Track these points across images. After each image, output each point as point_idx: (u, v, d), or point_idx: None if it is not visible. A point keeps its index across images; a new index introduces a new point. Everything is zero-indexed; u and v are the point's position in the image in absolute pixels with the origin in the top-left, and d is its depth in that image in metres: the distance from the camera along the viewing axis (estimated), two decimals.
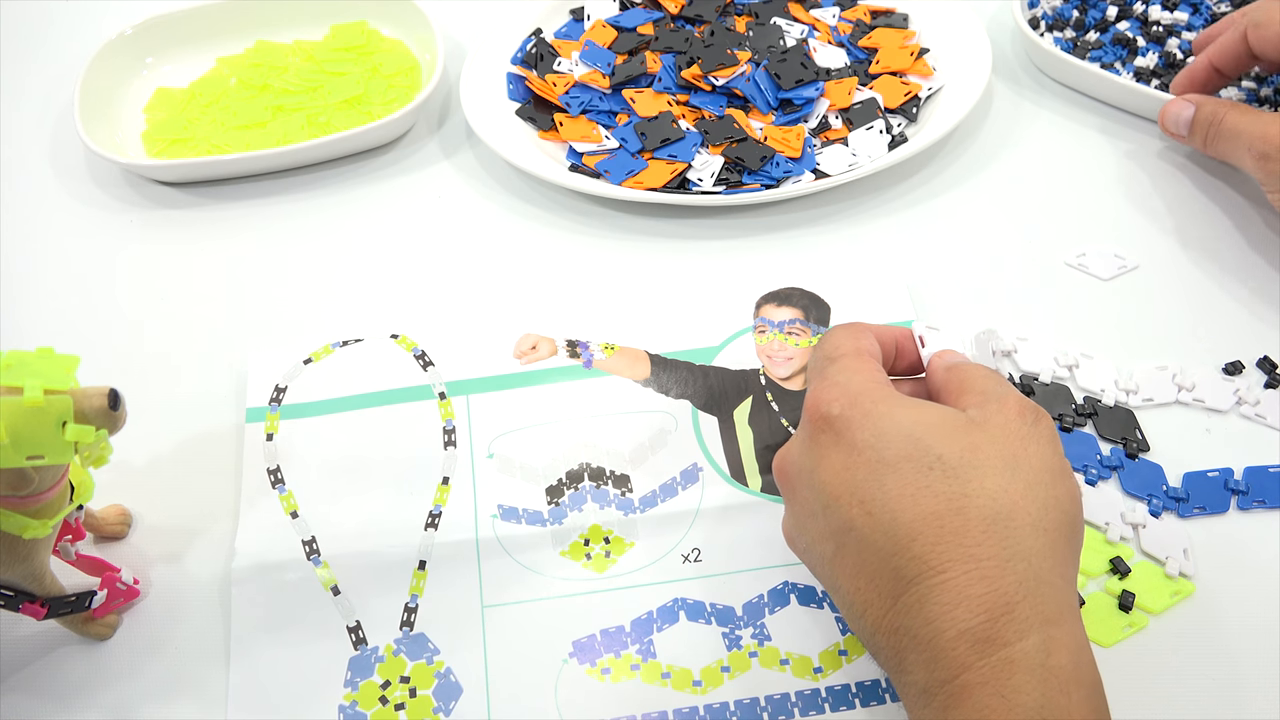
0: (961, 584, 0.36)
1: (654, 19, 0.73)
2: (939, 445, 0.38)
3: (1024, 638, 0.35)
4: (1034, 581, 0.36)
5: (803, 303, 0.59)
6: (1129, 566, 0.48)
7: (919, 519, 0.37)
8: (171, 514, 0.53)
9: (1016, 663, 0.35)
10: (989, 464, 0.38)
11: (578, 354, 0.57)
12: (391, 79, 0.73)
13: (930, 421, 0.39)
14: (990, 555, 0.36)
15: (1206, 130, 0.59)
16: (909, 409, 0.40)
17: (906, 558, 0.37)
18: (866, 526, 0.38)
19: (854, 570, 0.39)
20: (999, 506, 0.37)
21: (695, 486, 0.52)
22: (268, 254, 0.65)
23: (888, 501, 0.38)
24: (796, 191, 0.62)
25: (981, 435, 0.39)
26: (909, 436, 0.38)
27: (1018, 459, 0.38)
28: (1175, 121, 0.61)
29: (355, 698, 0.46)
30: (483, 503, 0.52)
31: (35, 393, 0.39)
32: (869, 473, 0.38)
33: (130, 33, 0.74)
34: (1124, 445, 0.52)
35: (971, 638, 0.35)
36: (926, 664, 0.36)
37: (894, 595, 0.37)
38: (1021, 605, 0.35)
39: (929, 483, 0.37)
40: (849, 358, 0.43)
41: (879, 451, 0.38)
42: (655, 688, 0.46)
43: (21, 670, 0.48)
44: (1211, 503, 0.50)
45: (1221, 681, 0.45)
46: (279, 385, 0.56)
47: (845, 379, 0.41)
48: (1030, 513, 0.37)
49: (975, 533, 0.36)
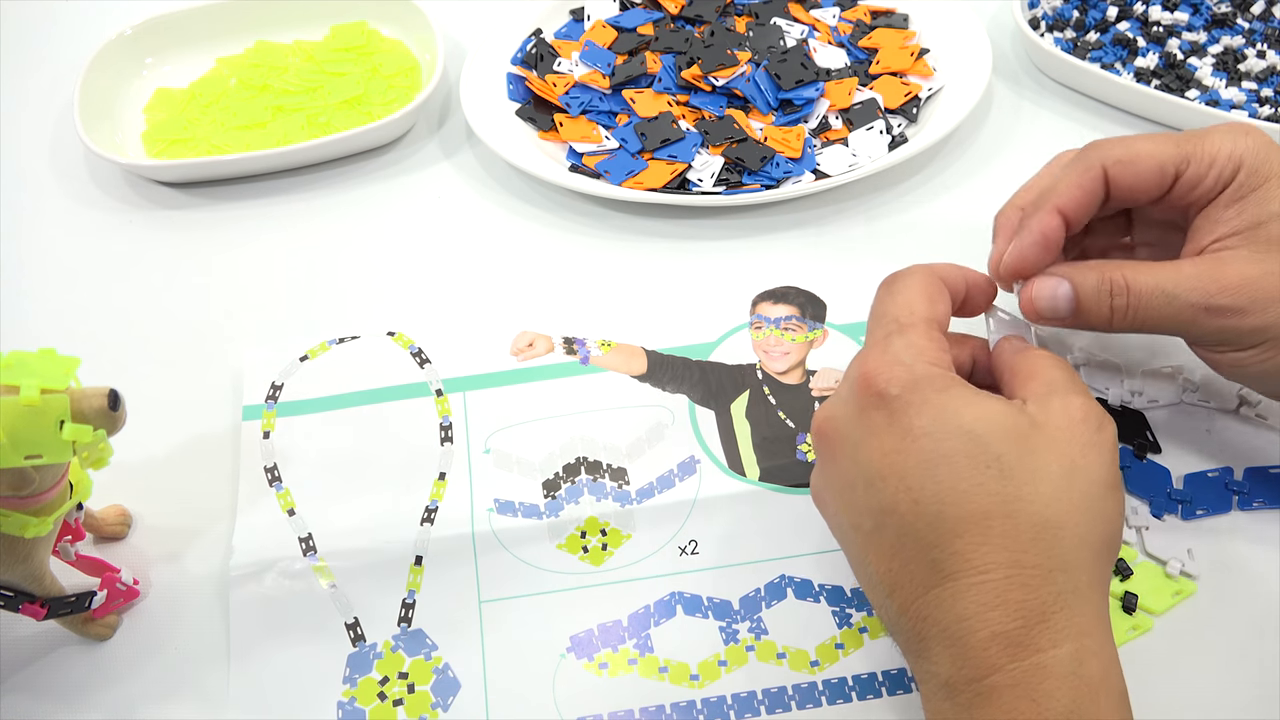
0: (1002, 587, 0.36)
1: (654, 19, 0.73)
2: (998, 444, 0.37)
3: (1058, 645, 0.35)
4: (1072, 594, 0.36)
5: (799, 300, 0.59)
6: (1131, 568, 0.48)
7: (967, 516, 0.36)
8: (171, 514, 0.53)
9: (1049, 669, 0.35)
10: (1045, 470, 0.37)
11: (575, 351, 0.57)
12: (391, 79, 0.73)
13: (992, 419, 0.38)
14: (1035, 563, 0.36)
15: (1110, 306, 0.44)
16: (971, 403, 0.38)
17: (948, 552, 0.36)
18: (911, 514, 0.37)
19: (889, 552, 0.38)
20: (1050, 515, 0.36)
21: (693, 478, 0.52)
22: (267, 254, 0.65)
23: (938, 493, 0.37)
24: (796, 192, 0.62)
25: (1042, 438, 0.38)
26: (969, 432, 0.37)
27: (1075, 468, 0.37)
28: (1051, 304, 0.44)
29: (354, 694, 0.46)
30: (479, 498, 0.52)
31: (31, 392, 0.39)
32: (921, 461, 0.38)
33: (130, 33, 0.74)
34: (1136, 449, 0.52)
35: (1005, 640, 0.35)
36: (954, 659, 0.36)
37: (927, 585, 0.37)
38: (1059, 615, 0.35)
39: (983, 481, 0.37)
40: (918, 332, 0.41)
41: (936, 442, 0.38)
42: (653, 682, 0.46)
43: (21, 670, 0.48)
44: (1214, 504, 0.50)
45: (1225, 681, 0.45)
46: (275, 383, 0.56)
47: (910, 359, 0.40)
48: (1079, 525, 0.37)
49: (1023, 538, 0.36)
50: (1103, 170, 0.45)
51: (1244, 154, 0.44)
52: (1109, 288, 0.44)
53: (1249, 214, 0.43)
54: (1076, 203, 0.45)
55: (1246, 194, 0.43)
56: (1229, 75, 0.67)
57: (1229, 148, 0.44)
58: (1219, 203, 0.44)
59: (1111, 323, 0.44)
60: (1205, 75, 0.67)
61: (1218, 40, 0.70)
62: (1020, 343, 0.44)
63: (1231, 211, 0.44)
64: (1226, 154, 0.44)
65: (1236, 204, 0.44)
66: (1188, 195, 0.45)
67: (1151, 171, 0.44)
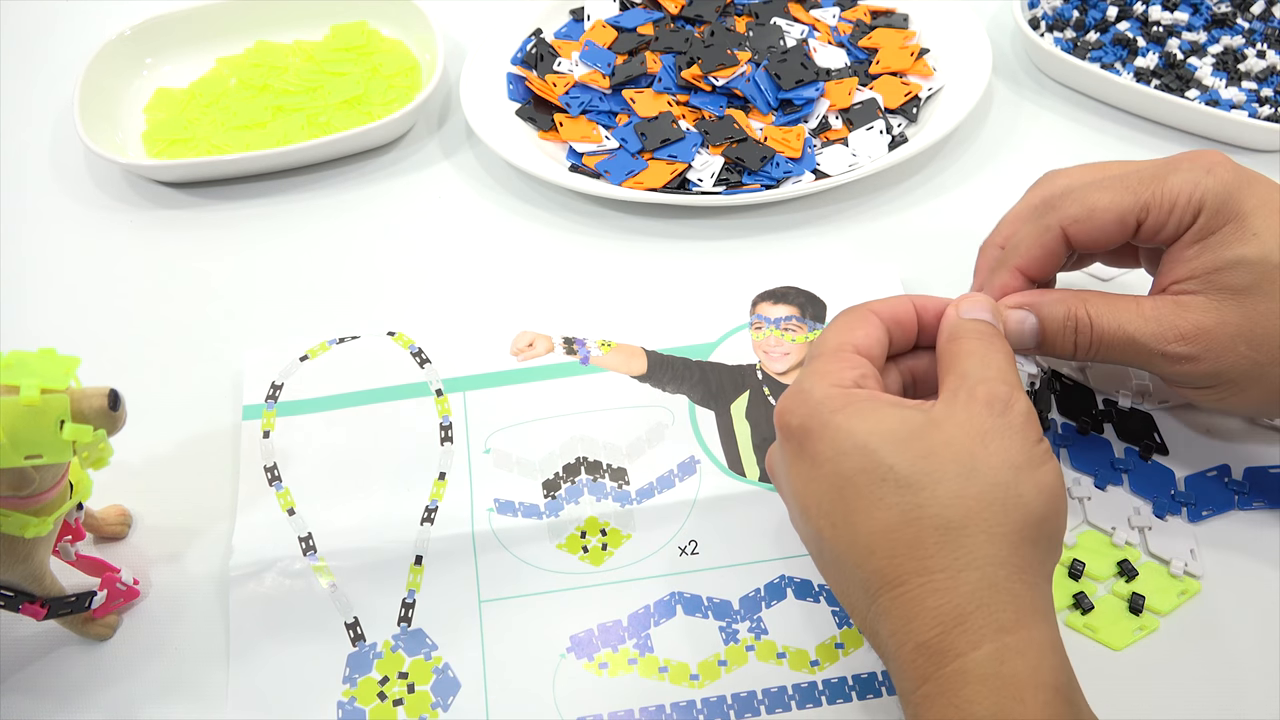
0: (917, 596, 0.36)
1: (654, 19, 0.73)
2: (891, 456, 0.37)
3: (977, 647, 0.35)
4: (988, 590, 0.36)
5: (799, 300, 0.59)
6: (1136, 569, 0.48)
7: (875, 533, 0.37)
8: (171, 514, 0.53)
9: (969, 673, 0.35)
10: (943, 470, 0.37)
11: (575, 351, 0.57)
12: (391, 79, 0.73)
13: (885, 430, 0.38)
14: (943, 567, 0.36)
15: (1074, 338, 0.45)
16: (865, 418, 0.39)
17: (868, 571, 0.37)
18: (833, 539, 0.38)
19: (832, 578, 0.40)
20: (951, 515, 0.36)
21: (692, 478, 0.52)
22: (267, 254, 0.65)
23: (847, 515, 0.38)
24: (796, 191, 0.62)
25: (938, 438, 0.38)
26: (863, 448, 0.38)
27: (976, 460, 0.37)
28: (1019, 335, 0.45)
29: (354, 694, 0.46)
30: (479, 497, 0.52)
31: (31, 392, 0.39)
32: (828, 486, 0.38)
33: (130, 33, 0.74)
34: (1142, 450, 0.52)
35: (928, 650, 0.36)
36: (895, 673, 0.37)
37: (864, 607, 0.38)
38: (974, 615, 0.35)
39: (882, 495, 0.37)
40: (823, 359, 0.42)
41: (836, 464, 0.38)
42: (653, 681, 0.46)
43: (21, 670, 0.48)
44: (1216, 503, 0.50)
45: (1232, 679, 0.45)
46: (275, 382, 0.56)
47: (810, 385, 0.40)
48: (985, 518, 0.36)
49: (929, 544, 0.36)
50: (1060, 230, 0.45)
51: (1205, 195, 0.43)
52: (1074, 324, 0.45)
53: (1208, 257, 0.43)
54: (1037, 262, 0.46)
55: (1206, 236, 0.44)
56: (1229, 75, 0.67)
57: (1189, 191, 0.44)
58: (1183, 241, 0.44)
59: (1075, 355, 0.45)
60: (1205, 75, 0.67)
61: (1218, 40, 0.70)
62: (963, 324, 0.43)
63: (1193, 252, 0.44)
64: (1186, 198, 0.44)
65: (1198, 245, 0.44)
66: (1152, 239, 0.45)
67: (1111, 224, 0.45)
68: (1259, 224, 0.43)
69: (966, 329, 0.42)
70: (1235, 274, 0.43)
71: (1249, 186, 0.44)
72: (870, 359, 0.42)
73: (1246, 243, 0.43)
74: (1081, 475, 0.51)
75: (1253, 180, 0.44)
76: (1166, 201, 0.44)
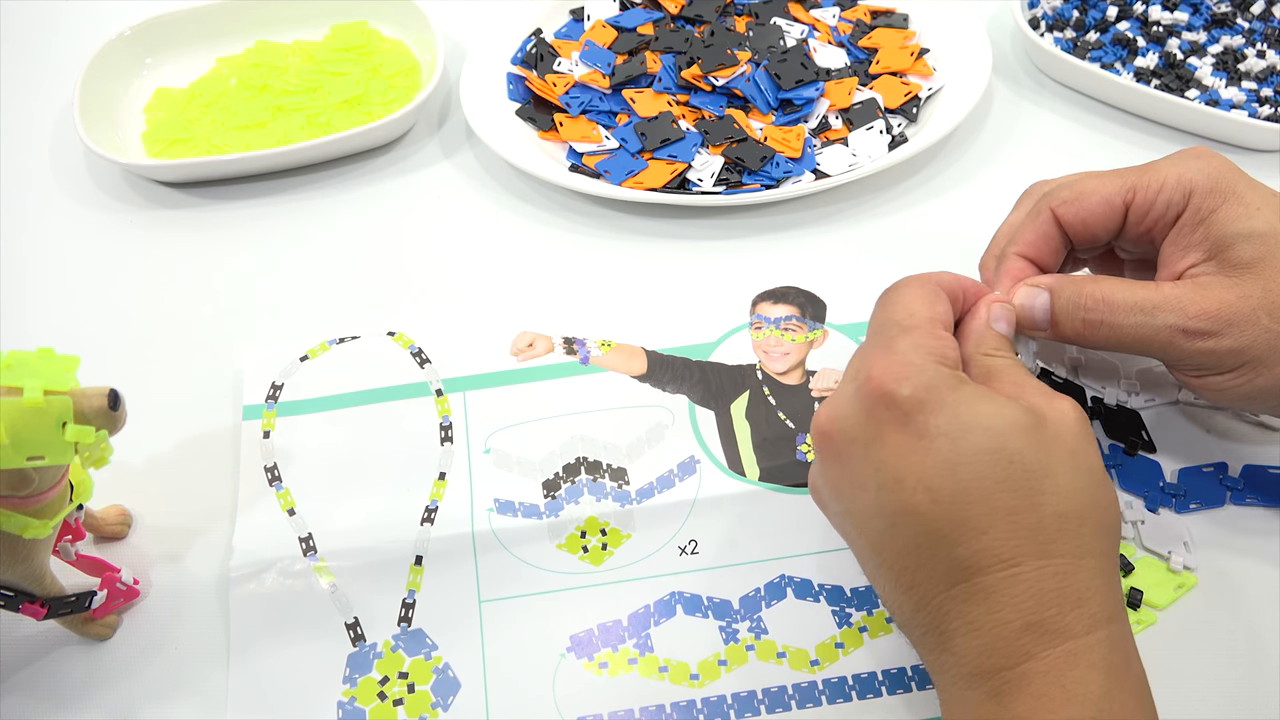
0: (1034, 579, 0.36)
1: (654, 19, 0.73)
2: (1017, 442, 0.37)
3: (1091, 632, 0.36)
4: (1101, 580, 0.37)
5: (799, 300, 0.59)
6: (1132, 564, 0.48)
7: (993, 513, 0.37)
8: (171, 514, 0.53)
9: (1080, 655, 0.36)
10: (1060, 464, 0.38)
11: (575, 351, 0.57)
12: (391, 79, 0.73)
13: (1009, 418, 0.38)
14: (1064, 552, 0.37)
15: (1083, 317, 0.44)
16: (986, 401, 0.39)
17: (974, 549, 0.37)
18: (931, 514, 0.37)
19: (906, 550, 0.38)
20: (1069, 507, 0.37)
21: (692, 478, 0.52)
22: (267, 254, 0.65)
23: (959, 493, 0.37)
24: (796, 191, 0.62)
25: (1050, 434, 0.38)
26: (988, 431, 0.38)
27: (1080, 461, 0.38)
28: (1029, 314, 0.45)
29: (354, 694, 0.46)
30: (479, 498, 0.52)
31: (35, 393, 0.39)
32: (940, 461, 0.38)
33: (130, 33, 0.74)
34: (1128, 446, 0.52)
35: (1040, 629, 0.36)
36: (982, 649, 0.37)
37: (951, 581, 0.37)
38: (1090, 601, 0.36)
39: (1006, 477, 0.37)
40: (923, 332, 0.41)
41: (954, 442, 0.38)
42: (653, 681, 0.46)
43: (21, 670, 0.48)
44: (1207, 497, 0.50)
45: (1231, 672, 0.45)
46: (276, 383, 0.56)
47: (920, 360, 0.40)
48: (1094, 513, 0.38)
49: (1050, 530, 0.37)
50: (1050, 212, 0.46)
51: (1194, 178, 0.44)
52: (1084, 302, 0.44)
53: (1214, 236, 0.44)
54: (1035, 247, 0.47)
55: (1206, 216, 0.44)
56: (1229, 75, 0.67)
57: (1176, 173, 0.44)
58: (1181, 228, 0.44)
59: (1085, 339, 0.45)
60: (1205, 75, 0.67)
61: (1217, 40, 0.70)
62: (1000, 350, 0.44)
63: (1196, 236, 0.44)
64: (1174, 179, 0.44)
65: (1199, 228, 0.44)
66: (1141, 223, 0.45)
67: (1099, 205, 0.45)
68: (1256, 199, 0.43)
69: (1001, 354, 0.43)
70: (1245, 248, 0.43)
71: (1236, 171, 0.45)
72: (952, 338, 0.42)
73: (1251, 217, 0.43)
74: None
75: (1237, 168, 0.45)
76: (1154, 183, 0.44)
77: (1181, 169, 0.44)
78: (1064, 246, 0.47)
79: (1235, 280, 0.43)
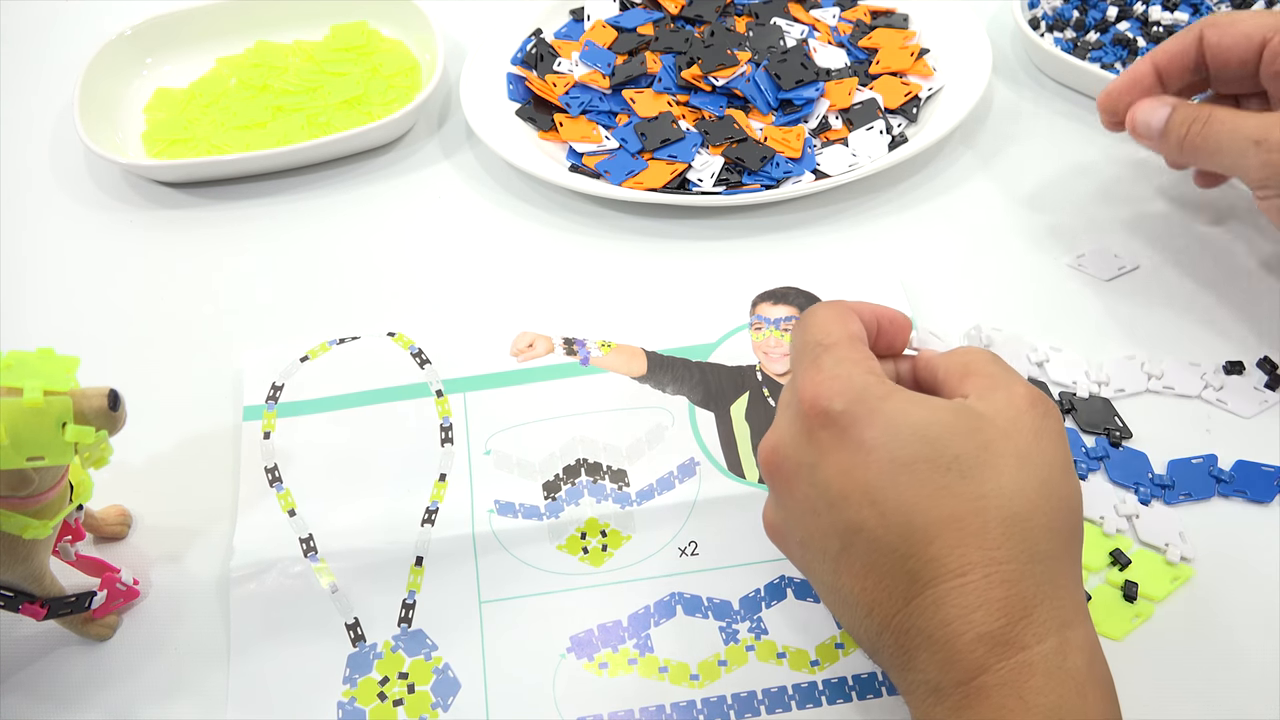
0: (982, 587, 0.35)
1: (654, 19, 0.73)
2: (955, 444, 0.37)
3: (1042, 640, 0.35)
4: (1051, 584, 0.36)
5: (799, 301, 0.59)
6: (1129, 558, 0.48)
7: (937, 521, 0.36)
8: (171, 514, 0.53)
9: (1035, 665, 0.35)
10: (1004, 462, 0.37)
11: (575, 351, 0.57)
12: (391, 79, 0.73)
13: (944, 419, 0.38)
14: (1010, 558, 0.36)
15: (1188, 129, 0.52)
16: (919, 405, 0.38)
17: (923, 560, 0.36)
18: (879, 527, 0.37)
19: (862, 570, 0.38)
20: (1016, 507, 0.36)
21: (692, 480, 0.52)
22: (267, 254, 0.65)
23: (903, 502, 0.36)
24: (796, 192, 0.62)
25: (994, 431, 0.37)
26: (923, 435, 0.37)
27: (1030, 456, 0.37)
28: (1146, 123, 0.54)
29: (354, 694, 0.46)
30: (479, 499, 0.52)
31: (35, 394, 0.39)
32: (880, 472, 0.37)
33: (130, 33, 0.74)
34: (1107, 435, 0.52)
35: (991, 640, 0.35)
36: (941, 664, 0.36)
37: (907, 597, 0.37)
38: (1040, 608, 0.35)
39: (946, 483, 0.36)
40: (843, 346, 0.40)
41: (891, 451, 0.37)
42: (653, 682, 0.46)
43: (21, 670, 0.48)
44: (1197, 489, 0.50)
45: (1229, 663, 0.45)
46: (276, 383, 0.56)
47: (846, 371, 0.39)
48: (1045, 513, 0.37)
49: (995, 535, 0.36)
50: (1199, 32, 0.53)
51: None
52: (1194, 115, 0.52)
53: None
54: (1169, 55, 0.54)
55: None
56: None
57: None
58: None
59: (1183, 144, 0.52)
60: None
61: None
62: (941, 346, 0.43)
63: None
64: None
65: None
66: (1275, 62, 0.51)
67: (1240, 36, 0.52)
68: None
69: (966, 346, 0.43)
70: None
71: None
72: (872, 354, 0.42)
73: None
74: None
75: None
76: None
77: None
78: (1194, 67, 0.54)
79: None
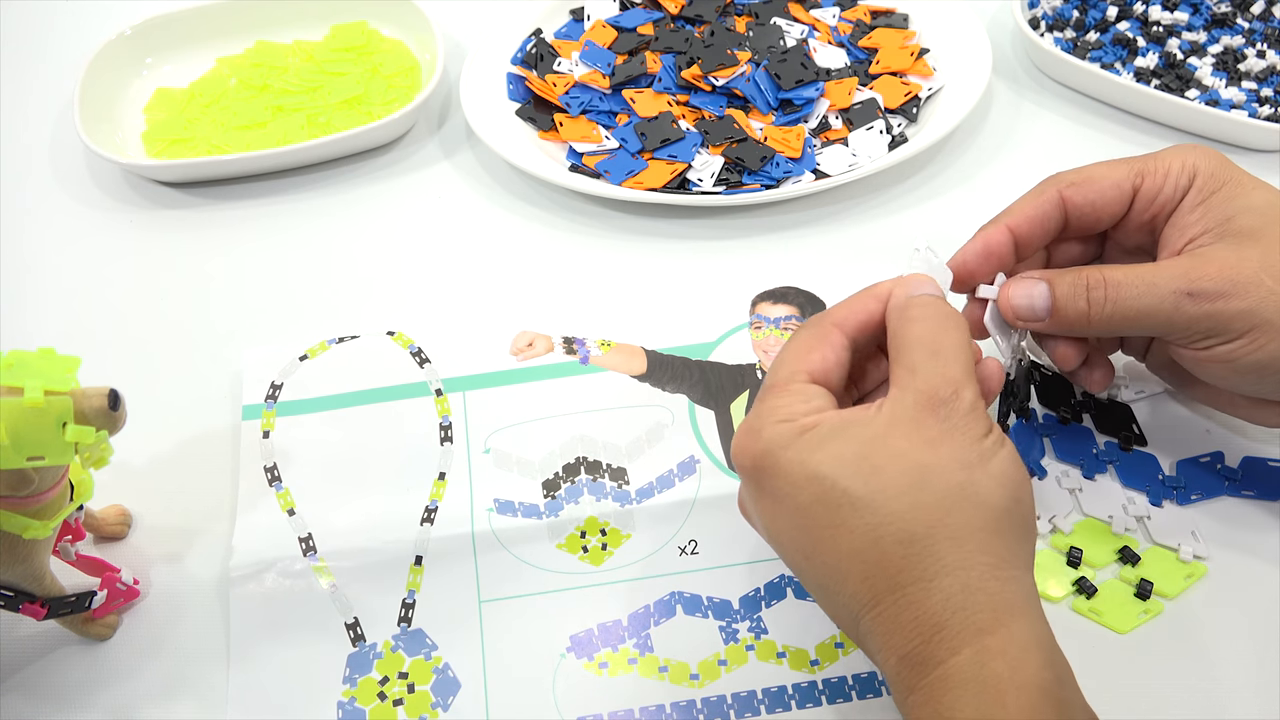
0: (892, 614, 0.36)
1: (654, 19, 0.73)
2: (844, 480, 0.37)
3: (956, 653, 0.35)
4: (961, 594, 0.36)
5: (798, 300, 0.59)
6: (1138, 554, 0.48)
7: (844, 557, 0.37)
8: (171, 514, 0.53)
9: (950, 679, 0.35)
10: (895, 485, 0.37)
11: (574, 350, 0.57)
12: (391, 79, 0.73)
13: (834, 455, 0.38)
14: (914, 580, 0.36)
15: (1088, 300, 0.44)
16: (815, 448, 0.38)
17: (847, 595, 0.38)
18: (809, 570, 0.39)
19: (820, 601, 0.40)
20: (912, 528, 0.36)
21: (692, 478, 0.52)
22: (267, 254, 0.65)
23: (815, 546, 0.38)
24: (796, 191, 0.62)
25: (885, 453, 0.37)
26: (815, 478, 0.38)
27: (926, 468, 0.37)
28: (1028, 307, 0.45)
29: (354, 694, 0.46)
30: (479, 498, 0.52)
31: (36, 393, 0.39)
32: (791, 521, 0.39)
33: (130, 33, 0.74)
34: (1122, 441, 0.52)
35: (910, 661, 0.36)
36: (889, 682, 0.38)
37: (852, 625, 0.39)
38: (950, 622, 0.36)
39: (842, 520, 0.37)
40: (773, 392, 0.41)
41: (794, 499, 0.38)
42: (653, 681, 0.46)
43: (21, 670, 0.48)
44: (1207, 488, 0.50)
45: (1239, 661, 0.45)
46: (275, 382, 0.56)
47: (760, 424, 0.40)
48: (947, 524, 0.36)
49: (895, 560, 0.36)
50: (1057, 193, 0.47)
51: (1197, 163, 0.45)
52: (1085, 282, 0.44)
53: (1215, 212, 0.44)
54: (1027, 220, 0.47)
55: (1208, 196, 0.45)
56: (1229, 75, 0.67)
57: (1180, 159, 0.46)
58: (1183, 209, 0.45)
59: (1090, 318, 0.44)
60: (1205, 75, 0.67)
61: (1218, 40, 0.70)
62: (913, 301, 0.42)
63: (1197, 214, 0.45)
64: (1179, 164, 0.45)
65: (1200, 206, 0.45)
66: (1149, 208, 0.46)
67: (1108, 189, 0.46)
68: (1254, 182, 0.45)
69: (913, 310, 0.41)
70: (1245, 218, 0.43)
71: (1233, 165, 0.46)
72: (826, 384, 0.41)
73: (1249, 194, 0.44)
74: (1069, 467, 0.52)
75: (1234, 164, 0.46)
76: (1161, 169, 0.46)
77: (1184, 156, 0.46)
78: (1055, 231, 0.47)
79: (1235, 245, 0.43)
